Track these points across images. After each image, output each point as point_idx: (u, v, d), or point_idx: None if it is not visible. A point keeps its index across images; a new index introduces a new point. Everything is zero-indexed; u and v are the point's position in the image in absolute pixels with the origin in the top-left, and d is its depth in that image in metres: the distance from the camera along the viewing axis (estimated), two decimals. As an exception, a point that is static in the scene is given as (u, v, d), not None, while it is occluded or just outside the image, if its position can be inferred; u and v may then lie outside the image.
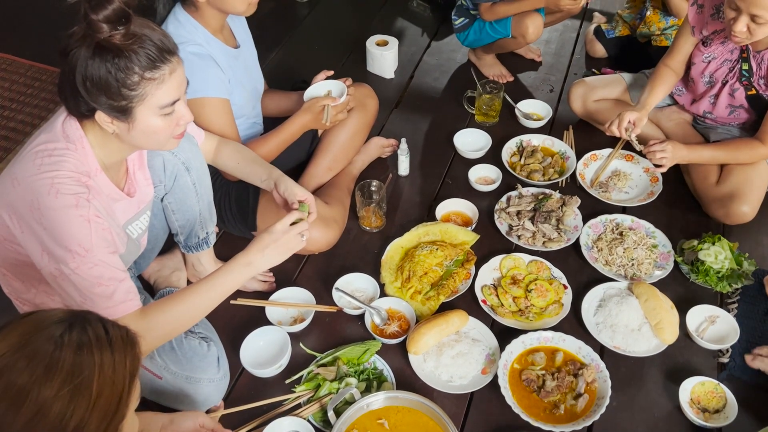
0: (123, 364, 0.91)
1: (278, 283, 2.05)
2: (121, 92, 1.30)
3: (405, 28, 3.29)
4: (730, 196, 2.17)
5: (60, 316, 0.91)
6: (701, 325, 1.92)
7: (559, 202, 2.23)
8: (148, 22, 1.34)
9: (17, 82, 3.00)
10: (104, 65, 1.27)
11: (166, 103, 1.35)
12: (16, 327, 0.89)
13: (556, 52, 3.10)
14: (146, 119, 1.35)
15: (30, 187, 1.34)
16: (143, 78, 1.30)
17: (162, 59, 1.32)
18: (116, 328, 0.93)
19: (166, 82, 1.33)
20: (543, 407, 1.73)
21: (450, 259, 2.05)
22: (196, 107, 1.83)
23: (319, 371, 1.77)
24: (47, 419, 0.84)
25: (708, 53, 2.22)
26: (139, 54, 1.28)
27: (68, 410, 0.85)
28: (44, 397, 0.84)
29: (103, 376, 0.88)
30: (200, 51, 1.86)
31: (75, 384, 0.85)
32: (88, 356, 0.88)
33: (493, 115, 2.65)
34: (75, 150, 1.38)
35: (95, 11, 1.22)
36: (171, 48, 1.35)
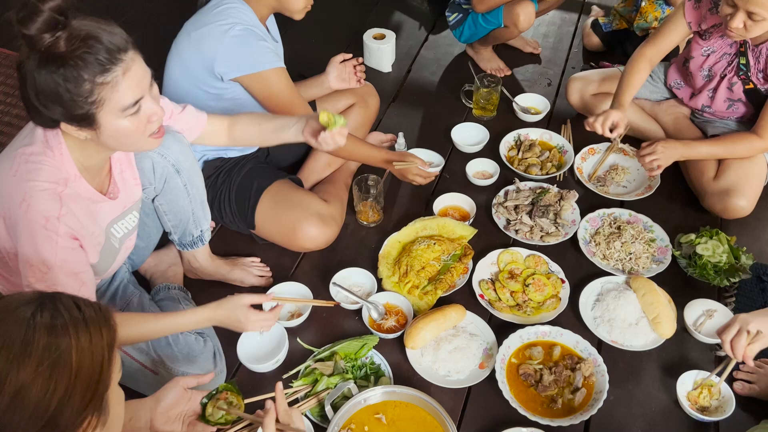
0: (99, 335, 0.91)
1: (276, 278, 2.05)
2: (75, 101, 1.23)
3: (402, 21, 3.28)
4: (728, 191, 2.17)
5: (28, 298, 0.91)
6: (699, 320, 1.92)
7: (557, 196, 2.23)
8: (94, 20, 1.26)
9: (12, 76, 2.98)
10: (51, 77, 1.21)
11: (127, 104, 1.28)
12: None
13: (554, 46, 3.09)
14: (111, 123, 1.29)
15: (5, 194, 1.33)
16: (95, 84, 1.23)
17: (112, 60, 1.24)
18: (88, 305, 0.93)
19: (121, 83, 1.26)
20: (540, 401, 1.73)
21: (447, 253, 2.05)
22: (259, 82, 1.84)
23: (317, 366, 1.77)
24: (29, 398, 0.84)
25: (707, 47, 2.21)
26: (85, 59, 1.21)
27: (49, 387, 0.85)
28: (22, 378, 0.84)
29: (80, 350, 0.88)
30: (253, 29, 1.84)
31: (52, 361, 0.86)
32: (62, 333, 0.88)
33: (490, 109, 2.65)
34: (53, 156, 1.35)
35: (25, 26, 1.17)
36: (121, 45, 1.26)
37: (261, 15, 1.92)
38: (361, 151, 2.11)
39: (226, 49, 1.81)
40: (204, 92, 1.89)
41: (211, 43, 1.82)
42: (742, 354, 1.55)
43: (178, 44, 1.91)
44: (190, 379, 1.48)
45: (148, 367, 1.67)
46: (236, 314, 1.61)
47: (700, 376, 1.76)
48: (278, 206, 2.03)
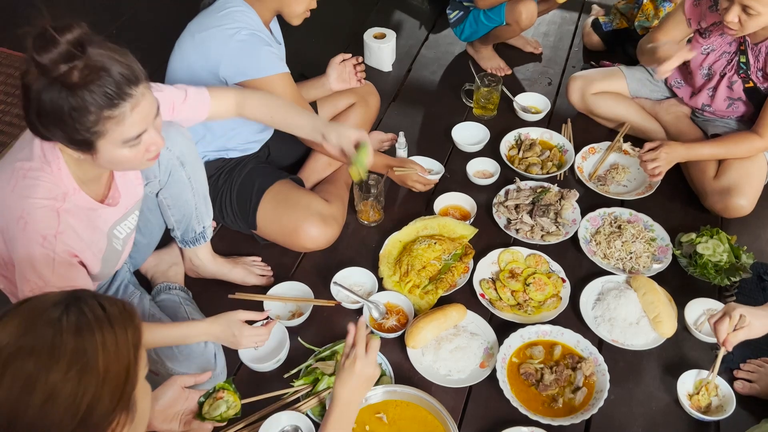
0: (125, 337, 0.92)
1: (276, 278, 2.05)
2: (77, 129, 1.22)
3: (402, 20, 3.28)
4: (729, 190, 2.17)
5: (55, 299, 0.92)
6: (699, 319, 1.92)
7: (558, 195, 2.23)
8: (109, 49, 1.24)
9: (13, 76, 2.98)
10: (57, 102, 1.19)
11: (129, 137, 1.28)
12: (15, 315, 0.90)
13: (555, 45, 3.09)
14: (110, 151, 1.29)
15: (2, 208, 1.33)
16: (100, 117, 1.22)
17: (121, 95, 1.22)
18: (112, 304, 0.94)
19: (127, 119, 1.25)
20: (541, 401, 1.73)
21: (448, 253, 2.05)
22: (263, 87, 1.84)
23: (318, 365, 1.77)
24: (60, 401, 0.85)
25: (707, 45, 2.21)
26: (94, 92, 1.19)
27: (79, 390, 0.86)
28: (53, 382, 0.85)
29: (107, 352, 0.89)
30: (259, 34, 1.84)
31: (81, 365, 0.86)
32: (89, 336, 0.88)
33: (491, 109, 2.65)
34: (50, 172, 1.34)
35: (39, 55, 1.16)
36: (132, 79, 1.24)
37: (265, 18, 1.92)
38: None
39: (231, 54, 1.81)
40: None
41: (217, 47, 1.82)
42: (724, 337, 1.62)
43: (181, 45, 1.90)
44: (188, 378, 1.48)
45: (150, 370, 1.67)
46: (231, 329, 1.63)
47: (700, 376, 1.76)
48: (279, 206, 2.03)
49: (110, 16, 3.28)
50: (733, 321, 1.61)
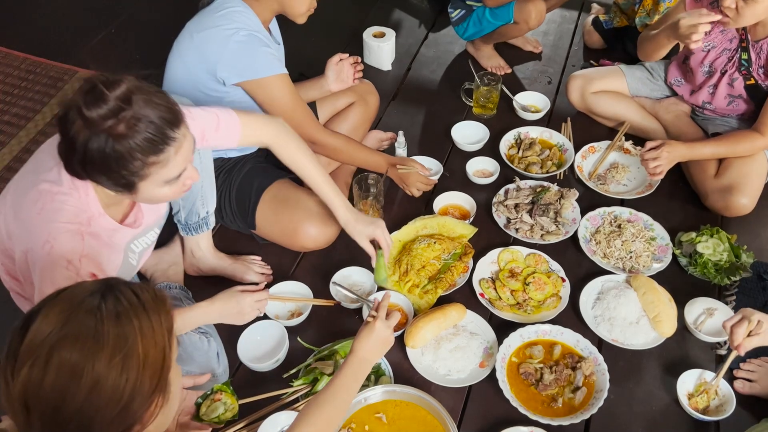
0: (159, 322, 0.96)
1: (276, 277, 2.05)
2: (122, 174, 1.27)
3: (402, 19, 3.27)
4: (729, 189, 2.16)
5: (91, 288, 0.95)
6: (699, 318, 1.92)
7: (557, 194, 2.23)
8: (151, 93, 1.26)
9: (11, 75, 2.97)
10: (104, 151, 1.23)
11: (171, 178, 1.33)
12: (54, 305, 0.93)
13: (554, 44, 3.08)
14: (150, 191, 1.34)
15: (27, 230, 1.36)
16: (146, 163, 1.26)
17: (165, 140, 1.26)
18: (144, 291, 0.98)
19: (171, 161, 1.29)
20: (541, 400, 1.73)
21: (448, 252, 2.04)
22: (261, 88, 1.84)
23: (317, 365, 1.76)
24: (105, 389, 0.89)
25: (707, 42, 2.21)
26: (139, 140, 1.23)
27: (123, 377, 0.90)
28: (98, 370, 0.88)
29: (145, 339, 0.93)
30: (257, 35, 1.84)
31: (124, 353, 0.90)
32: (127, 323, 0.92)
33: (490, 108, 2.64)
34: (78, 197, 1.37)
35: (89, 108, 1.19)
36: (175, 121, 1.28)
37: (264, 18, 1.91)
38: (361, 155, 2.12)
39: (229, 54, 1.80)
40: (204, 94, 1.88)
41: (215, 47, 1.81)
42: (739, 342, 1.59)
43: (179, 44, 1.90)
44: (187, 379, 1.50)
45: None
46: (234, 301, 1.65)
47: (703, 376, 1.75)
48: (279, 206, 2.03)
49: (108, 15, 3.27)
50: (750, 326, 1.59)
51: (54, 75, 2.97)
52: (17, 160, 2.58)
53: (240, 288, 1.69)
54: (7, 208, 1.44)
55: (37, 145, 2.60)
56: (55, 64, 3.03)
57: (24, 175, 1.45)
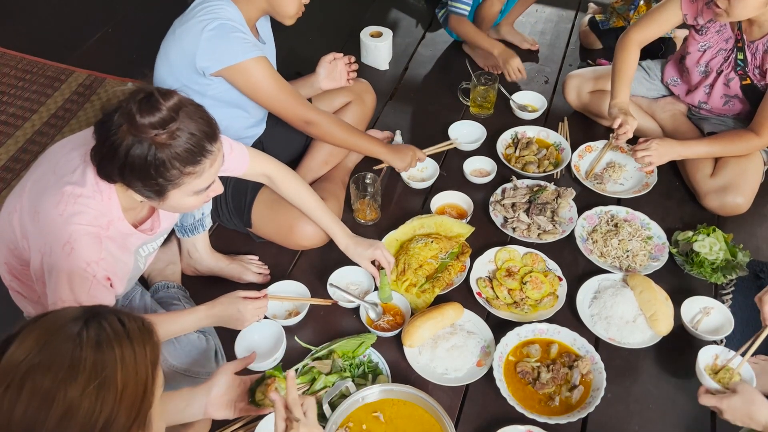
0: (143, 354, 0.92)
1: (273, 277, 2.05)
2: (157, 181, 1.32)
3: (399, 19, 3.27)
4: (725, 188, 2.17)
5: (74, 314, 0.92)
6: (696, 317, 1.92)
7: (554, 194, 2.23)
8: (193, 107, 1.33)
9: (8, 75, 2.97)
10: (144, 158, 1.28)
11: (201, 188, 1.38)
12: (32, 330, 0.89)
13: (551, 44, 3.08)
14: (178, 200, 1.38)
15: (47, 231, 1.36)
16: (183, 173, 1.32)
17: (203, 153, 1.33)
18: (131, 320, 0.94)
19: (205, 173, 1.36)
20: (538, 399, 1.73)
21: (445, 251, 2.05)
22: (239, 74, 1.84)
23: (314, 365, 1.77)
24: (77, 418, 0.84)
25: (703, 42, 2.21)
26: (179, 150, 1.29)
27: (96, 407, 0.85)
28: (71, 397, 0.84)
29: (125, 369, 0.88)
30: (233, 24, 1.83)
31: (99, 381, 0.86)
32: (108, 351, 0.88)
33: (488, 107, 2.65)
34: (101, 200, 1.39)
35: (142, 115, 1.23)
36: (212, 135, 1.35)
37: (249, 17, 1.90)
38: (358, 136, 2.12)
39: (204, 44, 1.80)
40: (188, 88, 1.88)
41: (191, 39, 1.82)
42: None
43: (165, 41, 1.90)
44: (238, 363, 1.52)
45: None
46: (234, 306, 1.67)
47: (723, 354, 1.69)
48: (275, 204, 2.03)
49: (105, 15, 3.27)
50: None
51: (51, 75, 2.97)
52: (14, 160, 2.57)
53: (242, 294, 1.70)
54: (23, 206, 1.44)
55: (35, 145, 2.62)
56: (51, 63, 3.02)
57: (44, 175, 1.45)
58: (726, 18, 2.00)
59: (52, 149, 1.52)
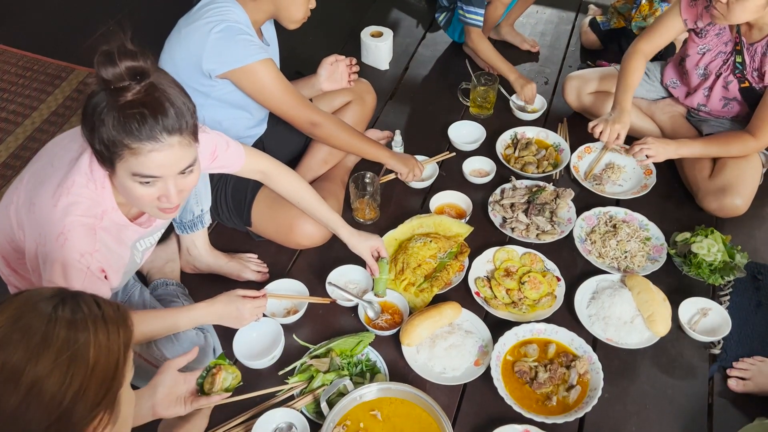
0: (116, 333, 0.92)
1: (272, 275, 2.05)
2: (101, 138, 1.27)
3: (400, 19, 3.28)
4: (724, 190, 2.17)
5: (51, 293, 0.92)
6: (693, 318, 1.93)
7: (553, 194, 2.24)
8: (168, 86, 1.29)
9: (8, 72, 2.97)
10: (94, 107, 1.26)
11: (138, 173, 1.30)
12: (7, 307, 0.90)
13: (552, 45, 3.09)
14: (122, 178, 1.32)
15: (42, 222, 1.36)
16: (117, 140, 1.26)
17: (149, 136, 1.26)
18: (107, 304, 0.95)
19: (141, 155, 1.27)
20: (535, 399, 1.74)
21: (444, 251, 2.05)
22: (245, 76, 1.84)
23: (312, 363, 1.77)
24: (45, 391, 0.84)
25: (702, 45, 2.22)
26: (124, 112, 1.24)
27: (66, 379, 0.85)
28: (39, 371, 0.85)
29: (98, 344, 0.89)
30: (240, 26, 1.84)
31: (71, 353, 0.86)
32: (81, 328, 0.89)
33: (487, 107, 2.65)
34: (94, 189, 1.38)
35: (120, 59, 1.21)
36: (171, 128, 1.27)
37: (256, 18, 1.91)
38: (361, 140, 2.14)
39: (211, 46, 1.80)
40: (192, 89, 1.87)
41: (197, 41, 1.82)
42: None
43: (169, 41, 1.90)
44: (179, 359, 1.50)
45: (152, 363, 1.68)
46: (234, 305, 1.67)
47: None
48: (275, 203, 2.03)
49: (106, 13, 3.27)
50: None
51: (51, 72, 2.97)
52: (14, 157, 2.58)
53: (241, 292, 1.70)
54: (20, 198, 1.44)
55: (34, 142, 2.62)
56: (52, 61, 3.03)
57: (42, 167, 1.45)
58: (724, 21, 2.01)
59: (51, 143, 1.52)
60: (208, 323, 1.73)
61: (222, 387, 1.53)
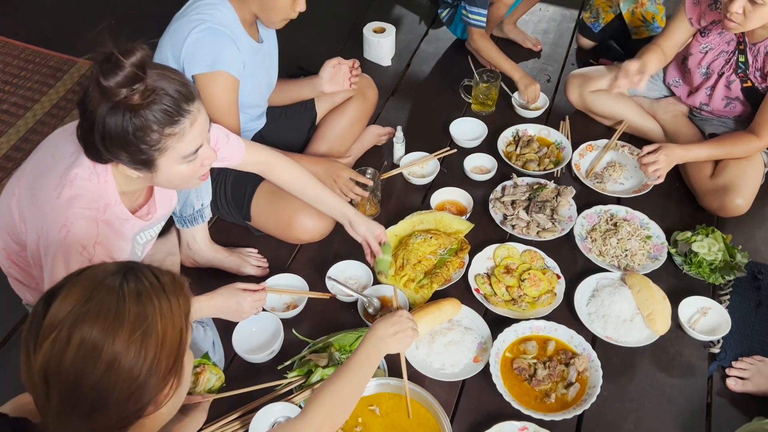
0: (177, 304, 0.97)
1: (272, 270, 2.05)
2: (140, 148, 1.28)
3: (402, 15, 3.27)
4: (725, 189, 2.17)
5: (113, 269, 0.97)
6: (693, 317, 1.93)
7: (554, 192, 2.23)
8: (165, 70, 1.30)
9: (10, 64, 2.97)
10: (121, 125, 1.25)
11: (188, 152, 1.34)
12: (75, 284, 0.94)
13: (554, 42, 3.08)
14: (169, 168, 1.35)
15: (44, 214, 1.36)
16: (162, 135, 1.28)
17: (180, 112, 1.28)
18: (163, 274, 0.99)
19: (187, 134, 1.31)
20: (534, 396, 1.74)
21: (444, 247, 2.05)
22: (206, 80, 1.81)
23: (311, 357, 1.77)
24: (123, 365, 0.90)
25: (705, 44, 2.21)
26: (155, 111, 1.25)
27: (140, 355, 0.91)
28: (118, 346, 0.90)
29: (164, 318, 0.94)
30: (222, 28, 1.81)
31: (143, 330, 0.92)
32: (148, 302, 0.94)
33: (489, 105, 2.65)
34: (97, 183, 1.38)
35: (106, 78, 1.20)
36: (189, 95, 1.31)
37: (243, 17, 1.87)
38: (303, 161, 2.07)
39: (189, 45, 1.78)
40: None
41: (180, 38, 1.80)
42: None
43: (163, 38, 1.88)
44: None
45: None
46: (234, 298, 1.67)
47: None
48: (274, 197, 2.03)
49: (109, 6, 3.27)
50: None
51: (53, 65, 2.97)
52: (15, 149, 2.58)
53: (241, 286, 1.70)
54: (22, 190, 1.44)
55: (36, 134, 2.62)
56: (54, 54, 3.02)
57: (43, 159, 1.45)
58: (740, 29, 2.00)
59: (52, 135, 1.52)
60: (208, 316, 1.73)
61: (205, 388, 1.54)
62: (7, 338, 1.94)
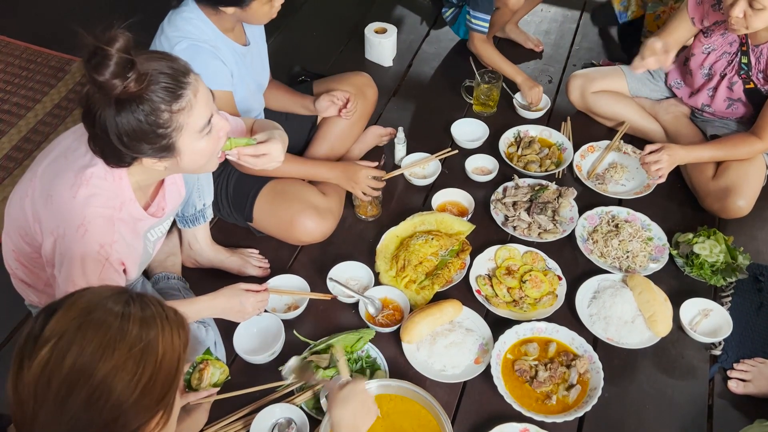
0: (178, 334, 0.96)
1: (273, 271, 2.05)
2: (158, 133, 1.28)
3: (404, 16, 3.27)
4: (726, 191, 2.17)
5: (117, 291, 0.96)
6: (694, 318, 1.92)
7: (556, 193, 2.23)
8: (150, 53, 1.30)
9: (12, 64, 2.97)
10: (132, 116, 1.25)
11: (202, 124, 1.34)
12: (80, 298, 0.93)
13: (556, 43, 3.08)
14: (191, 146, 1.35)
15: (61, 214, 1.36)
16: (172, 112, 1.28)
17: (181, 85, 1.29)
18: (167, 308, 0.98)
19: (195, 106, 1.31)
20: (535, 397, 1.74)
21: (445, 248, 2.05)
22: None
23: (313, 358, 1.77)
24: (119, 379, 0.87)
25: (708, 44, 2.21)
26: (157, 92, 1.25)
27: (138, 371, 0.89)
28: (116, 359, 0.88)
29: (164, 339, 0.93)
30: (201, 45, 1.79)
31: (143, 345, 0.90)
32: (152, 326, 0.93)
33: (491, 105, 2.64)
34: (112, 180, 1.39)
35: (99, 73, 1.19)
36: (183, 69, 1.31)
37: (223, 26, 1.84)
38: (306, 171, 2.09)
39: None
40: None
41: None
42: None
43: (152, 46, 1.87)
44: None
45: None
46: (237, 298, 1.67)
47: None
48: (276, 199, 2.03)
49: (110, 6, 3.27)
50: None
51: (55, 65, 2.97)
52: (17, 149, 2.58)
53: (243, 286, 1.70)
54: (35, 191, 1.44)
55: (37, 134, 2.63)
56: (56, 54, 3.02)
57: (56, 160, 1.45)
58: (744, 30, 1.99)
59: (63, 135, 1.51)
60: (210, 317, 1.74)
61: (210, 383, 1.54)
62: (8, 338, 1.94)
